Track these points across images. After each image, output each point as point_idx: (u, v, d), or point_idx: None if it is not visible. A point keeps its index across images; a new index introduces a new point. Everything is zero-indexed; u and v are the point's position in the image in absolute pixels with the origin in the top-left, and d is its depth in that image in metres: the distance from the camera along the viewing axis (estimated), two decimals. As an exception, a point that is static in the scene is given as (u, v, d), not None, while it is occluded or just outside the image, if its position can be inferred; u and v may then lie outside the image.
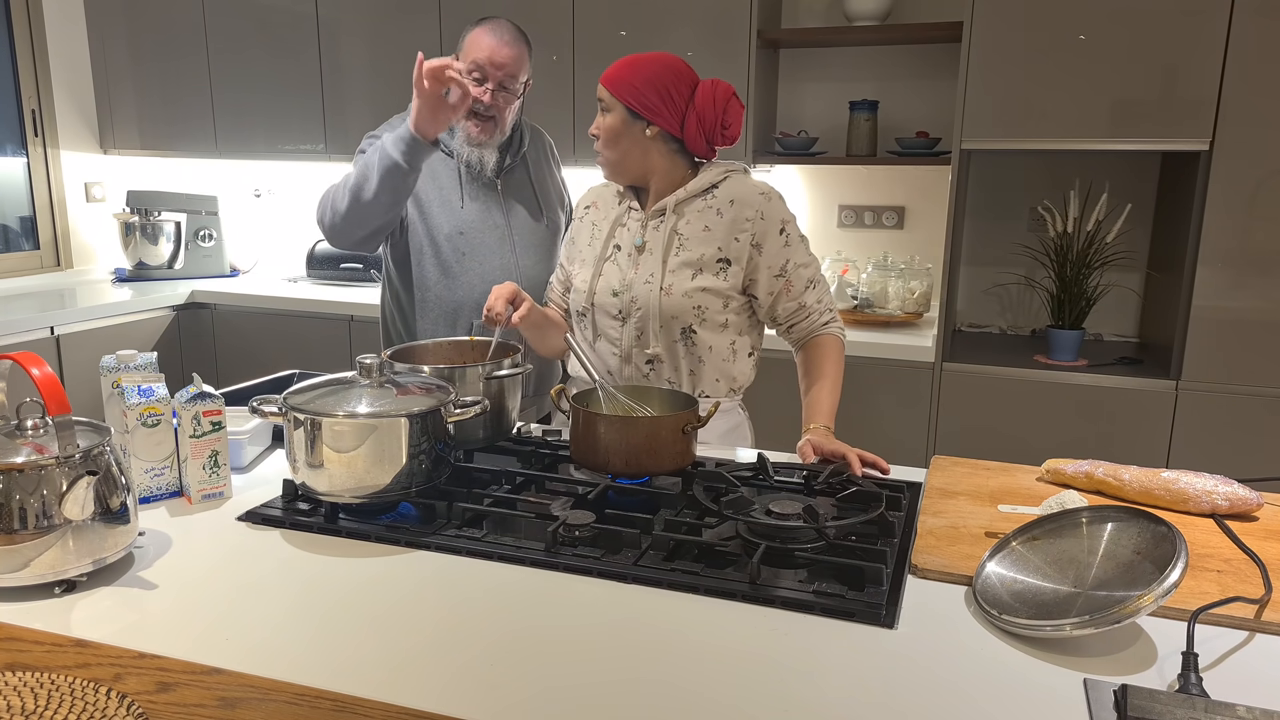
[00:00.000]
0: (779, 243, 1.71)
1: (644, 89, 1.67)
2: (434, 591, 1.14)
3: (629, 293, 1.75)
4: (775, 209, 1.72)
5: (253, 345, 3.59)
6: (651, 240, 1.75)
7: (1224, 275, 2.56)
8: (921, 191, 3.28)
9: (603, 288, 1.78)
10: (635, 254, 1.76)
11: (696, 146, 1.71)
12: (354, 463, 1.29)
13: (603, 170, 1.78)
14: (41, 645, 1.05)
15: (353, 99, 3.56)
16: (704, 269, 1.71)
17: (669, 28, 3.10)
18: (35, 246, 3.83)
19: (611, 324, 1.78)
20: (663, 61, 1.69)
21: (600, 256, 1.80)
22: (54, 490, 1.10)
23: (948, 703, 0.92)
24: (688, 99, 1.68)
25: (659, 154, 1.72)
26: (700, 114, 1.67)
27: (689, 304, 1.71)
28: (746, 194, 1.71)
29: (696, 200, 1.74)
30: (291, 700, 0.94)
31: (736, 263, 1.71)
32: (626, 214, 1.80)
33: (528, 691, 0.93)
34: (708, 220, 1.72)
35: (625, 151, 1.72)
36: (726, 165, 1.77)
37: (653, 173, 1.74)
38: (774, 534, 1.23)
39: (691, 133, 1.68)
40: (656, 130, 1.69)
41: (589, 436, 1.44)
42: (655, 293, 1.71)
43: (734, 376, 1.78)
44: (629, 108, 1.68)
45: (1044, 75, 2.61)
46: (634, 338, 1.76)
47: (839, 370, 1.75)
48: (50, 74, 3.79)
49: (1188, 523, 1.35)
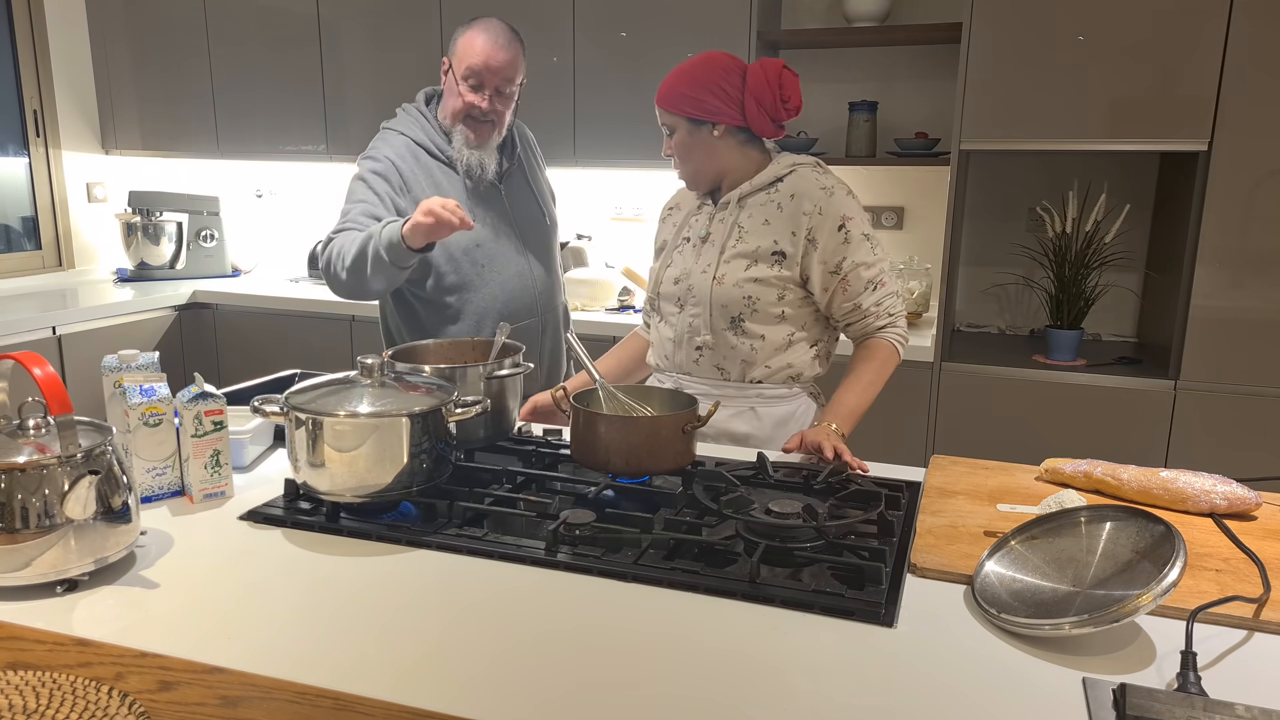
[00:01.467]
0: (836, 239, 1.70)
1: (697, 94, 1.70)
2: (435, 591, 1.14)
3: (687, 280, 1.79)
4: (836, 205, 1.71)
5: (254, 345, 3.60)
6: (715, 231, 1.78)
7: (1222, 275, 2.56)
8: (921, 192, 3.28)
9: (669, 276, 1.83)
10: (699, 244, 1.80)
11: (763, 129, 1.73)
12: (355, 462, 1.30)
13: (687, 185, 1.84)
14: (43, 644, 1.06)
15: (353, 99, 3.57)
16: (759, 260, 1.72)
17: (669, 28, 3.11)
18: (37, 246, 3.84)
19: (672, 310, 1.83)
20: (706, 61, 1.71)
21: (671, 248, 1.87)
22: (56, 490, 1.11)
23: (947, 702, 0.92)
24: (741, 87, 1.69)
25: (729, 149, 1.75)
26: (757, 96, 1.69)
27: (739, 294, 1.72)
28: (808, 188, 1.72)
29: (760, 194, 1.76)
30: (293, 699, 0.95)
31: (791, 256, 1.71)
32: (699, 209, 1.85)
33: (528, 690, 0.93)
34: (768, 214, 1.74)
35: (700, 160, 1.76)
36: (796, 158, 1.78)
37: (728, 170, 1.78)
38: (774, 533, 1.23)
39: (754, 117, 1.70)
40: (723, 128, 1.72)
41: (589, 436, 1.44)
42: (709, 281, 1.74)
43: (790, 365, 1.77)
44: (689, 118, 1.72)
45: (1043, 76, 2.62)
46: (688, 324, 1.79)
47: (878, 376, 1.73)
48: (52, 74, 3.80)
49: (1186, 522, 1.35)
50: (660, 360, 1.87)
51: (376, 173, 2.04)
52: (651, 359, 1.92)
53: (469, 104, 2.02)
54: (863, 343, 1.77)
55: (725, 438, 1.79)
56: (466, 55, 2.00)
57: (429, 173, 2.08)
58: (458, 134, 2.06)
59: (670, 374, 1.85)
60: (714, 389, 1.78)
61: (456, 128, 2.06)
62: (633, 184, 3.61)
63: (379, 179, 2.03)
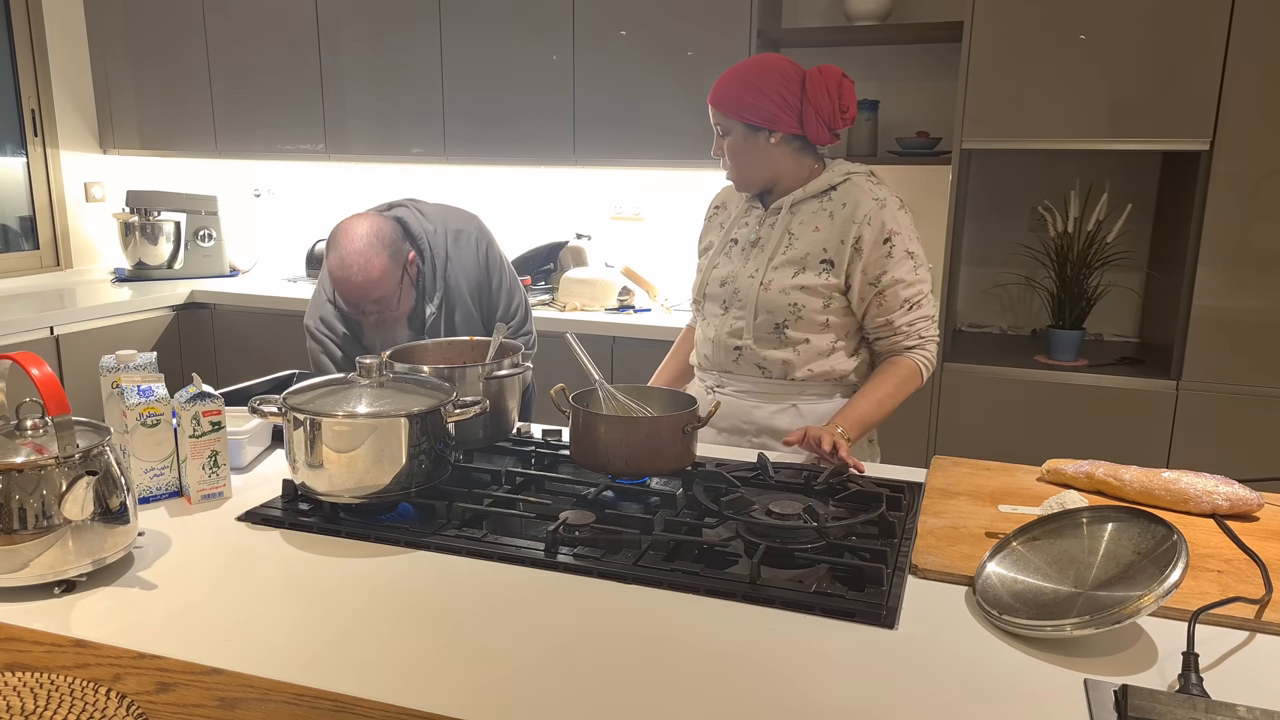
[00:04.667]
0: (880, 252, 1.67)
1: (757, 100, 1.66)
2: (434, 592, 1.14)
3: (733, 283, 1.77)
4: (885, 217, 1.67)
5: (252, 345, 3.59)
6: (765, 237, 1.76)
7: (1224, 275, 2.56)
8: (922, 191, 3.28)
9: (715, 277, 1.81)
10: (749, 248, 1.77)
11: (819, 137, 1.70)
12: (354, 463, 1.29)
13: (737, 187, 1.80)
14: (41, 645, 1.05)
15: (353, 99, 3.56)
16: (807, 267, 1.70)
17: (669, 28, 3.10)
18: (35, 246, 3.83)
19: (715, 311, 1.81)
20: (767, 65, 1.67)
21: (719, 250, 1.83)
22: (53, 490, 1.10)
23: (948, 703, 0.92)
24: (800, 95, 1.66)
25: (784, 156, 1.72)
26: (816, 107, 1.66)
27: (785, 300, 1.70)
28: (861, 198, 1.69)
29: (812, 201, 1.74)
30: (291, 700, 0.94)
31: (839, 264, 1.69)
32: (748, 211, 1.82)
33: (527, 691, 0.93)
34: (819, 221, 1.71)
35: (753, 165, 1.73)
36: (850, 167, 1.76)
37: (781, 176, 1.75)
38: (774, 534, 1.23)
39: (812, 126, 1.68)
40: (780, 136, 1.69)
41: (589, 436, 1.44)
42: (755, 287, 1.72)
43: (832, 369, 1.75)
44: (747, 123, 1.68)
45: (1044, 75, 2.61)
46: (730, 327, 1.77)
47: (897, 391, 1.69)
48: (50, 74, 3.79)
49: (1188, 523, 1.35)
50: (701, 359, 1.85)
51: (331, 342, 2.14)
52: (692, 358, 1.91)
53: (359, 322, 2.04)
54: (888, 358, 1.73)
55: (767, 434, 1.76)
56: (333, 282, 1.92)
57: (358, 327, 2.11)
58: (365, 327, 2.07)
59: (711, 373, 1.83)
60: (755, 387, 1.77)
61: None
62: (632, 184, 3.61)
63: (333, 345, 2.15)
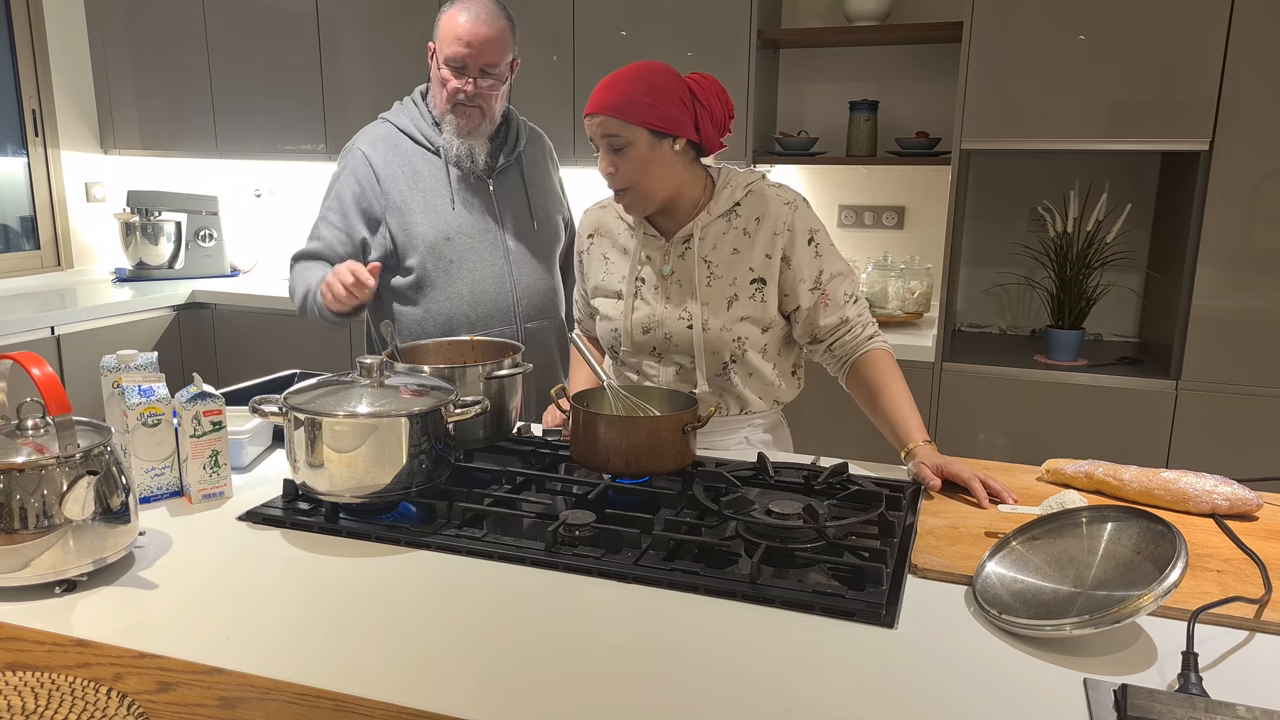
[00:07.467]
0: (809, 254, 1.62)
1: (661, 104, 1.53)
2: (434, 591, 1.14)
3: (661, 329, 1.66)
4: (802, 218, 1.62)
5: (253, 345, 3.60)
6: (679, 269, 1.64)
7: (1224, 275, 2.56)
8: (921, 192, 3.28)
9: (635, 325, 1.68)
10: (662, 283, 1.66)
11: (712, 144, 1.60)
12: (354, 462, 1.29)
13: (631, 209, 1.63)
14: (42, 645, 1.05)
15: (353, 99, 3.56)
16: (739, 295, 1.62)
17: (669, 28, 3.10)
18: (36, 246, 3.83)
19: (650, 363, 1.70)
20: (656, 68, 1.56)
21: (627, 293, 1.68)
22: (54, 490, 1.10)
23: (948, 702, 0.92)
24: (692, 99, 1.56)
25: (683, 166, 1.60)
26: (710, 111, 1.56)
27: (729, 337, 1.62)
28: (772, 207, 1.62)
29: (720, 221, 1.64)
30: (292, 700, 0.94)
31: (770, 281, 1.62)
32: (644, 242, 1.68)
33: (527, 691, 0.93)
34: (736, 242, 1.63)
35: (657, 179, 1.58)
36: (745, 178, 1.66)
37: (682, 190, 1.63)
38: (774, 534, 1.23)
39: (707, 131, 1.58)
40: (683, 143, 1.57)
41: (589, 436, 1.44)
42: (694, 331, 1.62)
43: (780, 391, 1.72)
44: (653, 130, 1.54)
45: (1044, 75, 2.61)
46: (673, 374, 1.68)
47: (905, 383, 1.62)
48: (50, 74, 3.79)
49: (1188, 522, 1.35)
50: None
51: (347, 185, 2.01)
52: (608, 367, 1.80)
53: (453, 89, 1.92)
54: (860, 359, 1.64)
55: None
56: (447, 35, 1.89)
57: (407, 160, 2.00)
58: (447, 124, 1.97)
59: None
60: (709, 428, 1.67)
61: (446, 117, 1.97)
62: (633, 184, 3.60)
63: (349, 193, 2.01)
